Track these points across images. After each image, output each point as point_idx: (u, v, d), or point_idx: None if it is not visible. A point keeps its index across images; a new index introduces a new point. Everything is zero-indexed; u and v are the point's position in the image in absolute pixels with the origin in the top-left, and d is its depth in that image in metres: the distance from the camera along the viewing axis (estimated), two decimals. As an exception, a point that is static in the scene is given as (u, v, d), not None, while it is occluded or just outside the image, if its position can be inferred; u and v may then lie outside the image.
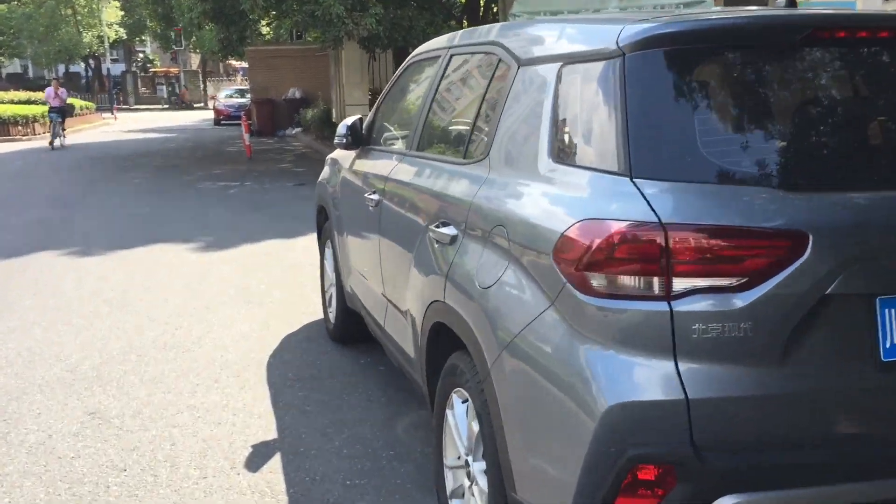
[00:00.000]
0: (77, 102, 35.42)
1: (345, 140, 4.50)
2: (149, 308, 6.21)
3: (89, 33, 50.55)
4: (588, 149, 2.32)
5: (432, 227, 3.02)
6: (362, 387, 4.59)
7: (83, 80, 63.75)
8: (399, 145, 4.08)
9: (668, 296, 2.01)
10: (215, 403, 4.34)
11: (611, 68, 2.26)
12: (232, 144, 23.08)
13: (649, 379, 2.00)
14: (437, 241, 2.97)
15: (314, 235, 8.95)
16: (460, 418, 2.82)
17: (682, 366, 1.99)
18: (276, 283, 6.92)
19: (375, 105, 4.63)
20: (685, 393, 1.97)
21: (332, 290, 5.34)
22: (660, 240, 2.00)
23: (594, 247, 2.07)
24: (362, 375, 4.77)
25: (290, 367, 4.89)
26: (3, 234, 9.42)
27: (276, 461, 3.67)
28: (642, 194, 2.06)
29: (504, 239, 2.48)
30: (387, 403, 4.34)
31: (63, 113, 22.80)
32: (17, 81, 51.15)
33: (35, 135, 26.94)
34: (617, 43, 2.26)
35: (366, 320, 4.51)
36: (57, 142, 22.02)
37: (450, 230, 2.86)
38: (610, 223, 2.07)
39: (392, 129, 4.33)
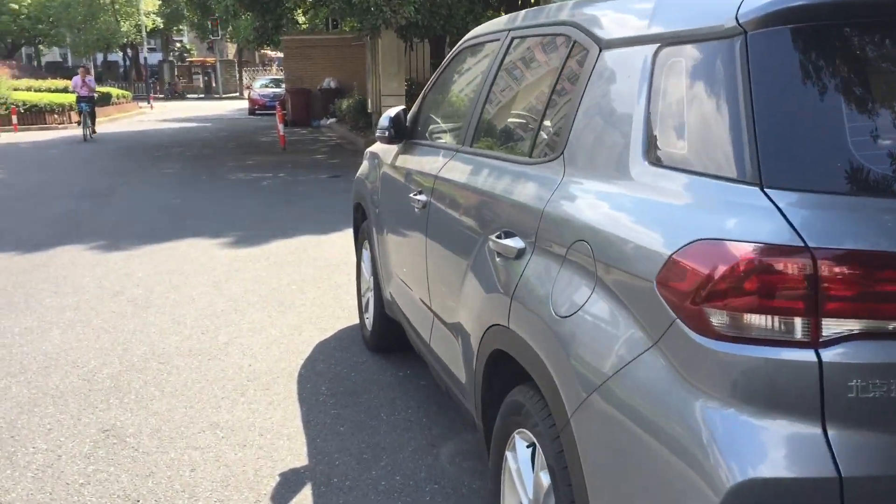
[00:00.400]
0: (114, 91, 35.53)
1: (387, 133, 4.07)
2: (174, 308, 5.85)
3: (127, 22, 50.72)
4: (698, 149, 1.86)
5: (493, 237, 2.58)
6: (401, 404, 4.17)
7: (121, 69, 64.19)
8: (448, 140, 3.65)
9: (816, 341, 1.55)
10: (241, 421, 3.95)
11: (728, 50, 1.81)
12: (266, 135, 22.81)
13: (789, 449, 1.55)
14: (500, 254, 2.53)
15: (349, 231, 8.56)
16: (524, 465, 2.39)
17: (834, 433, 1.53)
18: (308, 283, 6.53)
19: (421, 95, 4.20)
20: (837, 469, 1.52)
21: (370, 295, 4.94)
22: (805, 268, 1.55)
23: (716, 275, 1.62)
24: (401, 390, 4.35)
25: (322, 380, 4.49)
26: (29, 225, 9.15)
27: (306, 494, 3.27)
28: (778, 208, 1.61)
29: (587, 257, 2.03)
30: (429, 425, 3.92)
31: (92, 102, 21.57)
32: (56, 70, 51.51)
33: (70, 123, 26.91)
34: (736, 18, 1.80)
35: (407, 332, 4.09)
36: (87, 132, 21.15)
37: (515, 242, 2.42)
38: (736, 245, 1.62)
39: (440, 121, 3.90)
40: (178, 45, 69.06)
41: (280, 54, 70.05)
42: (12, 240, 8.33)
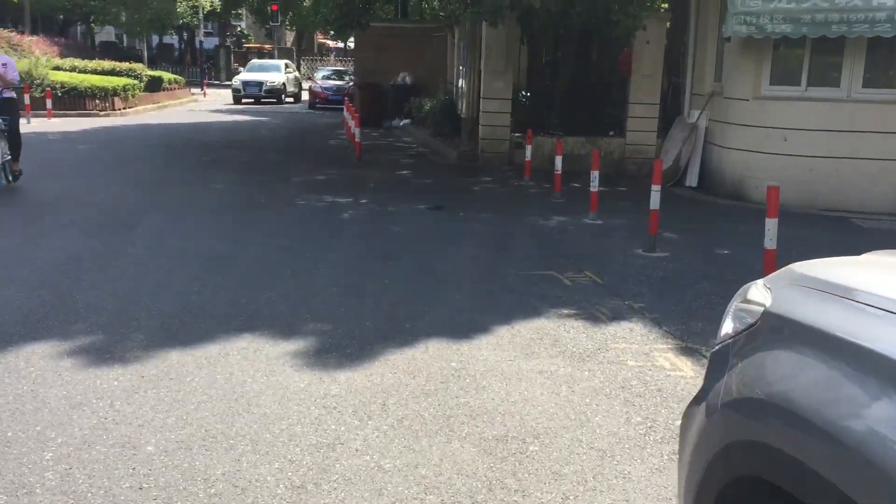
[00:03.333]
0: (165, 75, 32.64)
1: None
2: None
3: (184, 3, 48.02)
4: None
5: None
6: None
7: (176, 53, 61.84)
8: None
9: None
10: None
11: None
12: (333, 136, 19.56)
13: None
14: None
15: (506, 333, 5.19)
16: None
17: None
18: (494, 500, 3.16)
19: None
20: None
21: None
22: None
23: None
24: None
25: None
26: (2, 291, 5.92)
27: None
28: None
29: None
30: None
31: (10, 111, 10.23)
32: (110, 50, 49.09)
33: (114, 110, 23.99)
34: None
35: None
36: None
37: None
38: None
39: None
40: (238, 29, 66.57)
41: (339, 44, 67.19)
42: (-40, 320, 5.11)
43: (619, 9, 11.25)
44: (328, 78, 33.10)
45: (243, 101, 31.76)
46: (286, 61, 37.86)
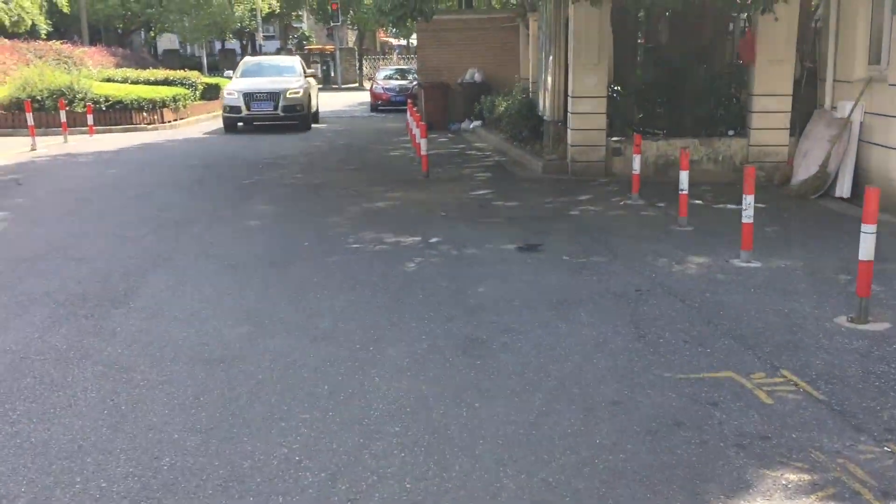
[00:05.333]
0: (223, 82, 30.93)
1: None
2: None
3: (241, 6, 46.60)
4: None
5: None
6: None
7: (238, 58, 60.80)
8: None
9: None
10: None
11: None
12: (394, 145, 17.31)
13: None
14: None
15: None
16: None
17: None
18: None
19: None
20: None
21: None
22: None
23: None
24: None
25: None
26: None
27: None
28: None
29: None
30: None
31: None
32: (173, 58, 48.14)
33: (163, 122, 22.25)
34: None
35: None
36: None
37: None
38: None
39: None
40: (299, 32, 65.25)
41: (402, 41, 65.21)
42: None
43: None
44: (390, 77, 30.95)
45: (239, 125, 20.01)
46: (298, 58, 24.47)
